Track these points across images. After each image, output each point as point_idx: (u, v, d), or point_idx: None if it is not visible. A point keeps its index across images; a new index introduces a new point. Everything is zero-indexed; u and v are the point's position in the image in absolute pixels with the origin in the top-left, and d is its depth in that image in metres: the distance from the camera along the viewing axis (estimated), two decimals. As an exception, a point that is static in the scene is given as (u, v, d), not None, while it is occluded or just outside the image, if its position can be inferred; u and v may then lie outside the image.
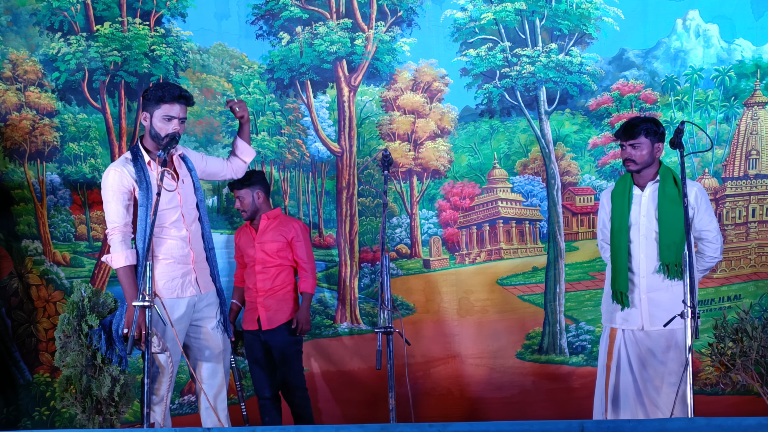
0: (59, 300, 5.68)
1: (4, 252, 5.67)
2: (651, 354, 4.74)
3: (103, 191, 4.48)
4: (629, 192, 4.77)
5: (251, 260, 5.35)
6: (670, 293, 4.67)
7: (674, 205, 4.61)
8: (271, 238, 5.34)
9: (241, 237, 5.47)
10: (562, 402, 5.74)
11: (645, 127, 4.66)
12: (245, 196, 5.34)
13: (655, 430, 3.59)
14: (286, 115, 5.82)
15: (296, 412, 5.36)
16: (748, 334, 4.60)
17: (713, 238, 4.76)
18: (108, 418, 4.44)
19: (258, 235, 5.35)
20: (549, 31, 5.74)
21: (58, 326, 4.53)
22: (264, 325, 5.29)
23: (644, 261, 4.72)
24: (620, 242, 4.75)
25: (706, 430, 3.53)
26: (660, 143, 4.69)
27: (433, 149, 5.81)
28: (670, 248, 4.64)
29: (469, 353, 5.77)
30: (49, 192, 5.72)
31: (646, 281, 4.72)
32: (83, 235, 5.74)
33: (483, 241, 5.84)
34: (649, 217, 4.72)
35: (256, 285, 5.31)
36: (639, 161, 4.69)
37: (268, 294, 5.30)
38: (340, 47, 5.76)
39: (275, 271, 5.33)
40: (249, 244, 5.38)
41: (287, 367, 5.33)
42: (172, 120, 4.43)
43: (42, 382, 5.70)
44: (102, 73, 5.70)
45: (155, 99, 4.43)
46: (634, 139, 4.66)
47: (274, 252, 5.32)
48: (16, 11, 5.69)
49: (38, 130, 5.71)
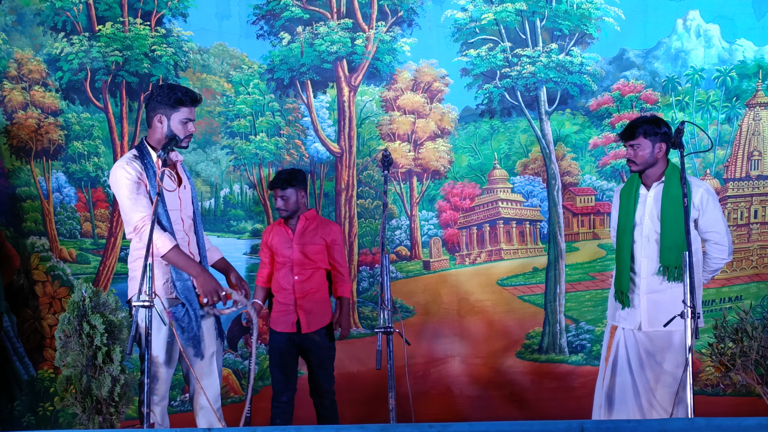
0: (65, 296, 5.70)
1: (14, 251, 5.70)
2: (649, 355, 4.72)
3: (116, 189, 4.38)
4: (636, 191, 4.73)
5: (287, 261, 5.24)
6: (670, 295, 4.63)
7: (677, 206, 4.54)
8: (311, 240, 5.26)
9: (274, 236, 5.33)
10: (562, 401, 5.73)
11: (644, 128, 4.62)
12: (291, 196, 5.21)
13: (655, 430, 3.57)
14: (285, 115, 5.83)
15: (324, 415, 5.29)
16: (748, 334, 4.57)
17: (720, 239, 4.69)
18: (108, 418, 4.44)
19: (296, 236, 5.24)
20: (549, 31, 5.73)
21: (58, 326, 4.52)
22: (304, 328, 5.21)
23: (645, 262, 4.69)
24: (624, 242, 4.73)
25: (705, 430, 3.52)
26: (662, 143, 4.63)
27: (433, 149, 5.81)
28: (671, 250, 4.60)
29: (469, 353, 5.77)
30: (55, 190, 5.75)
31: (646, 282, 4.69)
32: (88, 233, 5.77)
33: (483, 241, 5.83)
34: (652, 218, 4.69)
35: (294, 287, 5.22)
36: (639, 162, 4.65)
37: (306, 296, 5.23)
38: (341, 47, 5.77)
39: (311, 272, 5.25)
40: (285, 245, 5.26)
41: (322, 371, 5.26)
42: (188, 122, 4.41)
43: (46, 378, 5.73)
44: (104, 72, 5.73)
45: (173, 102, 4.37)
46: (634, 139, 4.63)
47: (313, 254, 5.24)
48: (21, 11, 5.72)
49: (44, 128, 5.74)
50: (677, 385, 4.51)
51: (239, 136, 5.80)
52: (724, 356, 4.60)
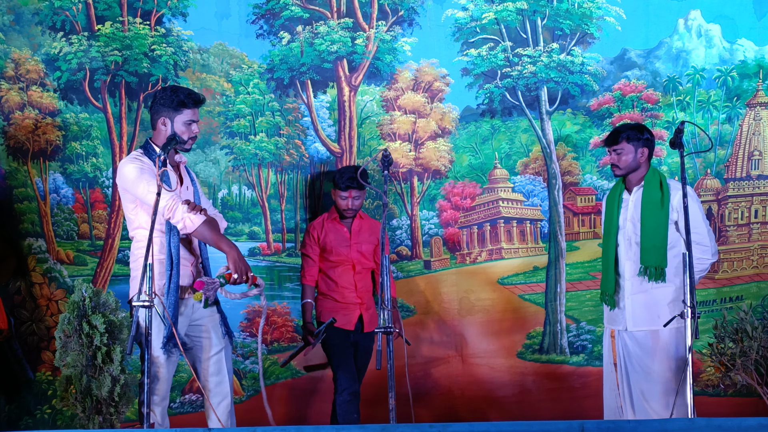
0: (61, 299, 5.67)
1: (9, 252, 5.67)
2: (636, 355, 4.84)
3: (130, 180, 4.34)
4: (619, 196, 4.91)
5: (344, 259, 5.27)
6: (653, 296, 4.79)
7: (656, 209, 4.75)
8: (366, 239, 5.32)
9: (328, 233, 5.31)
10: (562, 402, 5.73)
11: (628, 134, 4.82)
12: (361, 197, 5.29)
13: (655, 430, 3.58)
14: (285, 115, 5.81)
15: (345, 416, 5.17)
16: (748, 334, 4.61)
17: (701, 239, 4.78)
18: (108, 418, 4.43)
19: (354, 235, 5.29)
20: (550, 30, 5.73)
21: (58, 326, 4.51)
22: (366, 327, 5.25)
23: (629, 264, 4.85)
24: (608, 245, 4.91)
25: (706, 431, 3.52)
26: (645, 148, 4.82)
27: (434, 149, 5.80)
28: (650, 252, 4.76)
29: (469, 353, 5.77)
30: (52, 191, 5.73)
31: (630, 284, 4.84)
32: (86, 234, 5.74)
33: (484, 240, 5.83)
34: (633, 221, 4.84)
35: (355, 285, 5.27)
36: (622, 166, 4.83)
37: (367, 295, 5.29)
38: (341, 47, 5.75)
39: (367, 272, 5.34)
40: (342, 243, 5.28)
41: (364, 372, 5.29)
42: (192, 124, 4.44)
43: (44, 381, 5.70)
44: (103, 72, 5.70)
45: (176, 104, 4.39)
46: (617, 144, 4.83)
47: (369, 253, 5.32)
48: (19, 11, 5.70)
49: (41, 129, 5.71)
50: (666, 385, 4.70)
51: (239, 136, 5.78)
52: (724, 356, 4.64)
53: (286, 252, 5.77)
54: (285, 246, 5.77)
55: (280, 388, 5.75)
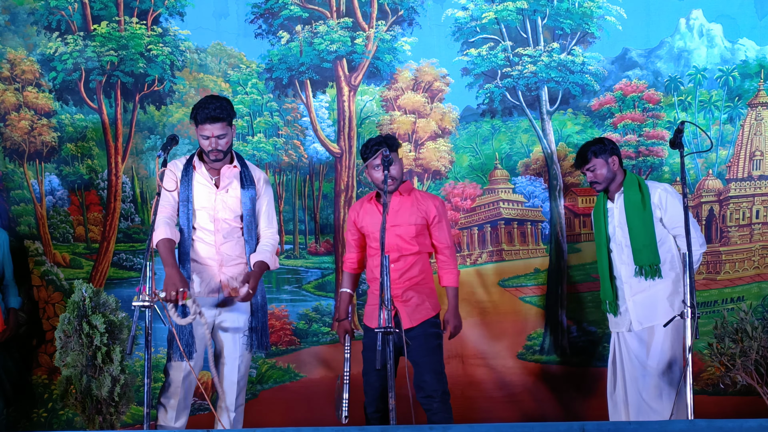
0: (58, 301, 5.66)
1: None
2: (635, 350, 4.93)
3: None
4: (604, 207, 5.06)
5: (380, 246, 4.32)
6: (653, 293, 4.90)
7: (639, 210, 4.89)
8: (407, 220, 4.67)
9: (364, 216, 4.79)
10: (563, 403, 5.71)
11: (593, 149, 4.96)
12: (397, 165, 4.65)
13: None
14: (284, 115, 5.78)
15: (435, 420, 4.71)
16: (748, 334, 4.68)
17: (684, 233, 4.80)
18: (108, 419, 4.44)
19: (390, 215, 4.61)
20: (551, 30, 5.71)
21: (58, 326, 4.54)
22: (405, 324, 4.60)
23: (624, 268, 4.97)
24: (601, 255, 5.05)
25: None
26: (613, 157, 4.98)
27: (434, 149, 5.78)
28: (642, 251, 4.89)
29: (470, 354, 5.75)
30: (48, 193, 5.70)
31: (629, 286, 4.95)
32: (81, 236, 5.71)
33: (484, 242, 5.81)
34: (621, 227, 4.97)
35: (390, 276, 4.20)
36: (600, 180, 4.99)
37: (406, 287, 4.65)
38: (341, 46, 5.73)
39: (413, 259, 4.66)
40: (376, 226, 4.60)
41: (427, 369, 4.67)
42: (209, 138, 4.55)
43: (40, 384, 5.67)
44: (99, 73, 5.67)
45: (193, 118, 4.58)
46: (588, 163, 5.00)
47: (411, 237, 4.66)
48: (14, 10, 5.68)
49: (37, 130, 5.68)
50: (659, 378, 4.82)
51: (237, 137, 5.74)
52: (724, 356, 4.70)
53: (285, 254, 5.74)
54: (283, 248, 5.73)
55: (279, 391, 5.72)
